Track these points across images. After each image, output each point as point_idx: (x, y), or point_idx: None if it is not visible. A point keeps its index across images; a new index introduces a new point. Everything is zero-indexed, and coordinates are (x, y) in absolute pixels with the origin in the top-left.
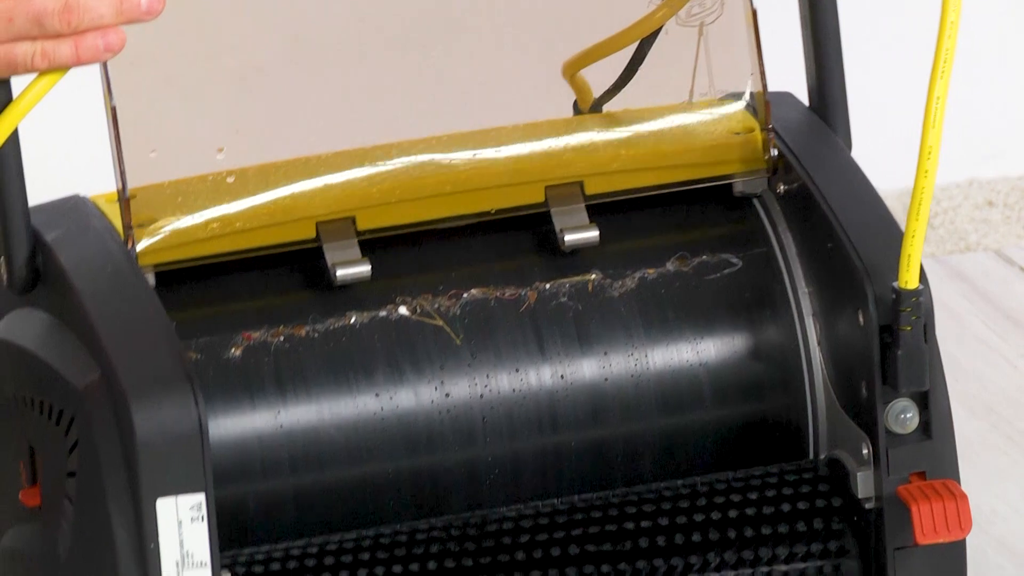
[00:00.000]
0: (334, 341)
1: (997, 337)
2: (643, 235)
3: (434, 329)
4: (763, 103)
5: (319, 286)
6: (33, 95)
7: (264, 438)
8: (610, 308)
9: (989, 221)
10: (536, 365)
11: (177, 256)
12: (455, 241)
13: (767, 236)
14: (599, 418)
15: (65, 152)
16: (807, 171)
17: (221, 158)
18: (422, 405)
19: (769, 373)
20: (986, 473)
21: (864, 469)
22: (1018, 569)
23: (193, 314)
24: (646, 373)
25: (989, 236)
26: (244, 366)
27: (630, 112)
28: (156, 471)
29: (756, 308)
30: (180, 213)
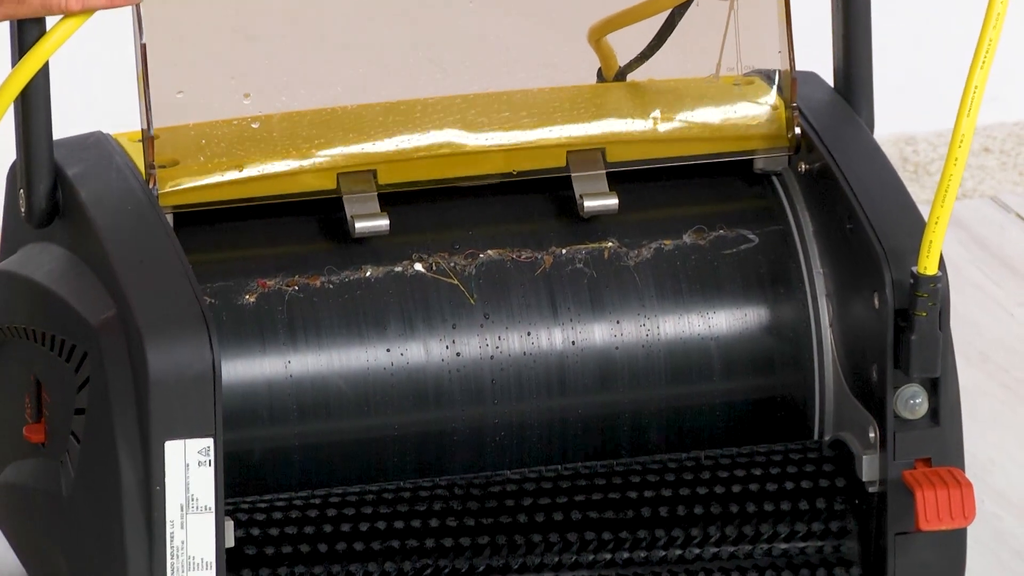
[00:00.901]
0: (348, 293)
1: (993, 284)
2: (662, 206)
3: (449, 287)
4: (789, 81)
5: (337, 238)
6: (64, 30)
7: (273, 386)
8: (625, 276)
9: (985, 167)
10: (548, 329)
11: (197, 199)
12: (474, 201)
13: (785, 214)
14: (608, 385)
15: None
16: (829, 151)
17: (247, 103)
18: (432, 362)
19: (779, 351)
20: (982, 422)
21: (870, 452)
22: (1015, 518)
23: (210, 258)
24: (657, 343)
25: (985, 183)
26: (257, 313)
27: (655, 83)
28: (167, 412)
29: (770, 285)
30: (203, 156)
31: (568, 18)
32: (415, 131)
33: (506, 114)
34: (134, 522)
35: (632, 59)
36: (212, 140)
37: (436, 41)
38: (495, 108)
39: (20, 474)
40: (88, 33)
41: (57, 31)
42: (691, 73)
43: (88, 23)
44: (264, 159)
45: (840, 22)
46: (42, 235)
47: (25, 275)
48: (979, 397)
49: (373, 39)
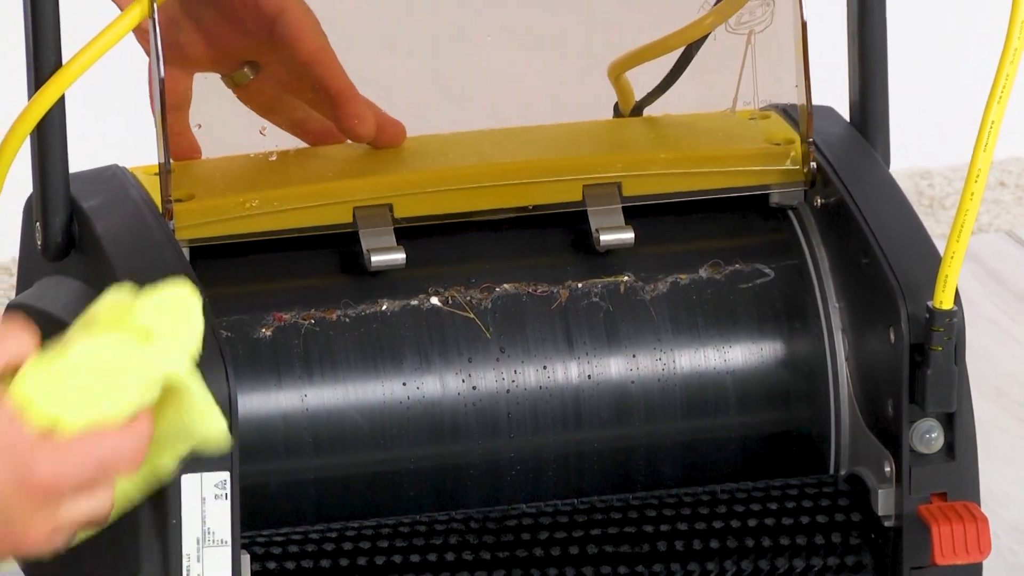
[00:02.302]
0: (364, 327)
1: (1008, 318)
2: (678, 240)
3: (465, 321)
4: (806, 115)
5: (353, 271)
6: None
7: (289, 419)
8: (641, 310)
9: (1001, 202)
10: (564, 363)
11: (213, 233)
12: (490, 234)
13: (801, 248)
14: (624, 419)
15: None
16: (845, 186)
17: (264, 138)
18: (448, 396)
19: (795, 385)
20: (998, 456)
21: (885, 487)
22: None
23: (226, 291)
24: (673, 377)
25: (1001, 217)
26: (273, 346)
27: (671, 117)
28: None
29: (786, 319)
30: (220, 189)
31: (584, 53)
32: (431, 165)
33: (522, 148)
34: (150, 556)
35: (648, 93)
36: (229, 174)
37: (453, 75)
38: (511, 142)
39: None
40: (106, 65)
41: (74, 63)
42: (708, 107)
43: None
44: (280, 193)
45: (856, 57)
46: (58, 268)
47: (41, 308)
48: (994, 431)
49: (390, 74)
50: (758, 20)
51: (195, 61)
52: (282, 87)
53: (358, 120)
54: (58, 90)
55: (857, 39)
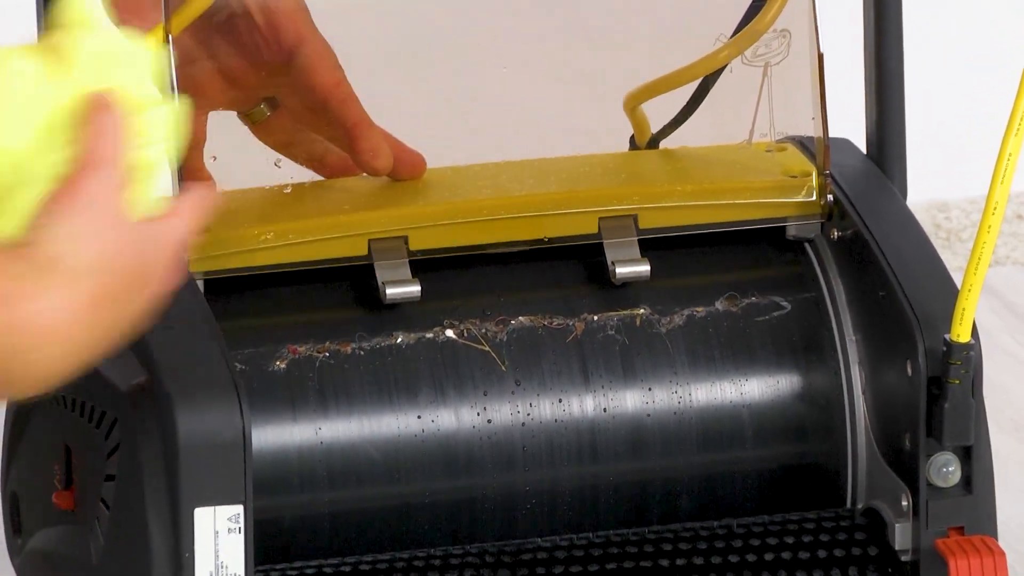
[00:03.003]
0: (379, 360)
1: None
2: (694, 273)
3: (480, 354)
4: (822, 148)
5: (367, 304)
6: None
7: (303, 453)
8: (656, 343)
9: (1018, 235)
10: (579, 396)
11: (228, 265)
12: (506, 267)
13: (818, 281)
14: (639, 453)
15: None
16: (862, 218)
17: (279, 170)
18: (463, 429)
19: (812, 418)
20: (1014, 489)
21: (903, 521)
22: None
23: (240, 324)
24: (689, 410)
25: (1018, 250)
26: (288, 379)
27: (688, 149)
28: (196, 479)
29: (803, 352)
30: (234, 222)
31: (600, 85)
32: (447, 197)
33: (538, 180)
34: None
35: (665, 125)
36: (243, 206)
37: (468, 107)
38: (527, 175)
39: (49, 541)
40: None
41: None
42: (724, 139)
43: None
44: (295, 226)
45: (873, 89)
46: None
47: None
48: (1011, 465)
49: (403, 105)
50: (774, 52)
51: (212, 99)
52: (299, 121)
53: (374, 153)
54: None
55: (874, 71)
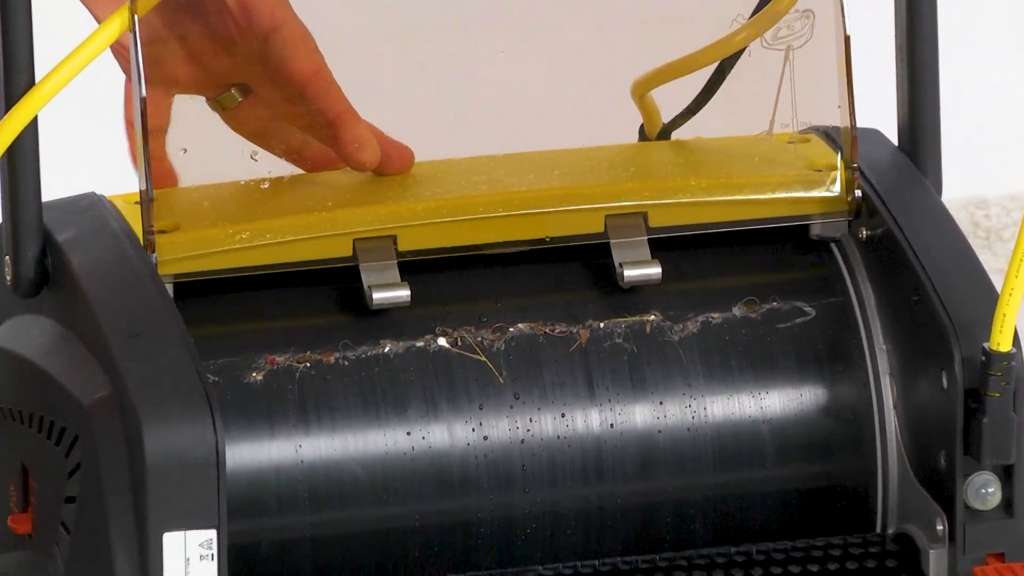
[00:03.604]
0: (365, 371)
1: None
2: (709, 275)
3: (475, 364)
4: (849, 139)
5: (352, 310)
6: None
7: (283, 472)
8: (669, 353)
9: None
10: (584, 410)
11: (200, 267)
12: (503, 269)
13: (844, 285)
14: (650, 472)
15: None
16: (893, 216)
17: (256, 163)
18: (457, 446)
19: (838, 435)
20: None
21: (937, 547)
22: None
23: (213, 331)
24: (704, 426)
25: None
26: (265, 392)
27: (702, 141)
28: (165, 501)
29: (828, 362)
30: (207, 220)
31: (606, 71)
32: (439, 193)
33: (539, 175)
34: None
35: (677, 115)
36: (217, 203)
37: (461, 95)
38: (526, 169)
39: (5, 568)
40: (82, 84)
41: (48, 82)
42: (742, 130)
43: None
44: (274, 224)
45: (905, 75)
46: (30, 306)
47: (11, 350)
48: None
49: (392, 94)
50: (797, 34)
51: (178, 82)
52: (274, 111)
53: (360, 146)
54: (30, 111)
55: (906, 55)
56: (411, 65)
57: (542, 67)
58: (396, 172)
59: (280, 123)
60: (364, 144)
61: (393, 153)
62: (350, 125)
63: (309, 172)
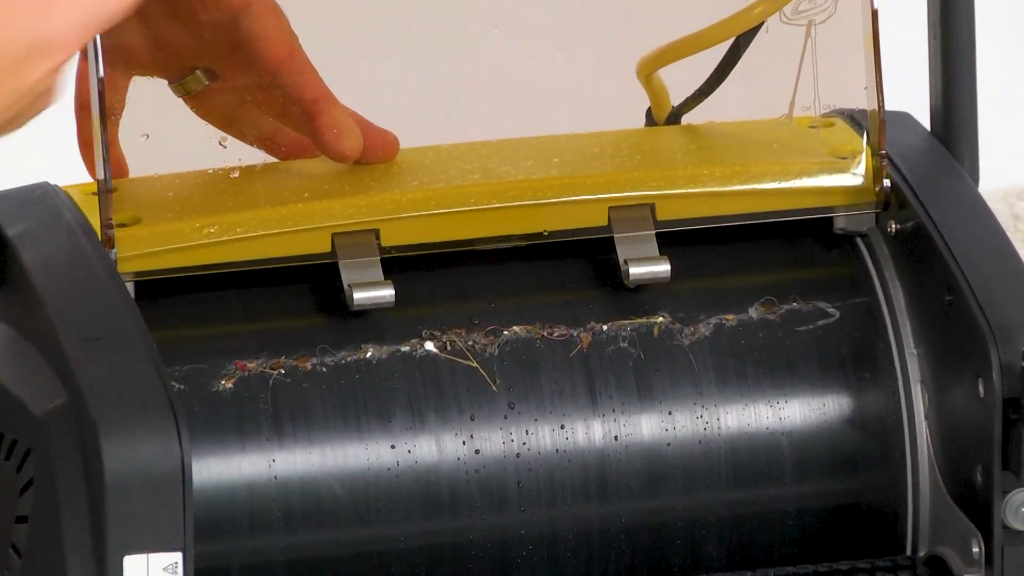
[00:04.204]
0: (345, 378)
1: None
2: (723, 273)
3: (466, 371)
4: (877, 123)
5: (331, 311)
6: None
7: (255, 489)
8: (678, 358)
9: None
10: (586, 421)
11: (164, 264)
12: (497, 267)
13: (871, 283)
14: (658, 489)
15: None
16: (925, 207)
17: (225, 150)
18: (446, 461)
19: (864, 448)
20: None
21: (973, 570)
22: None
23: (179, 335)
24: (717, 438)
25: None
26: (236, 401)
27: (715, 126)
28: (126, 521)
29: (853, 369)
30: (171, 212)
31: (610, 48)
32: (426, 183)
33: (536, 163)
34: None
35: (688, 97)
36: (182, 194)
37: (451, 76)
38: (522, 156)
39: None
40: None
41: None
42: (759, 114)
43: None
44: (244, 217)
45: (938, 52)
46: None
47: None
48: None
49: (374, 75)
50: (819, 8)
51: (139, 62)
52: (244, 96)
53: (339, 133)
54: None
55: (939, 30)
56: (395, 43)
57: (540, 43)
58: (379, 160)
59: (250, 109)
60: (343, 130)
61: (375, 139)
62: (328, 110)
63: (283, 160)
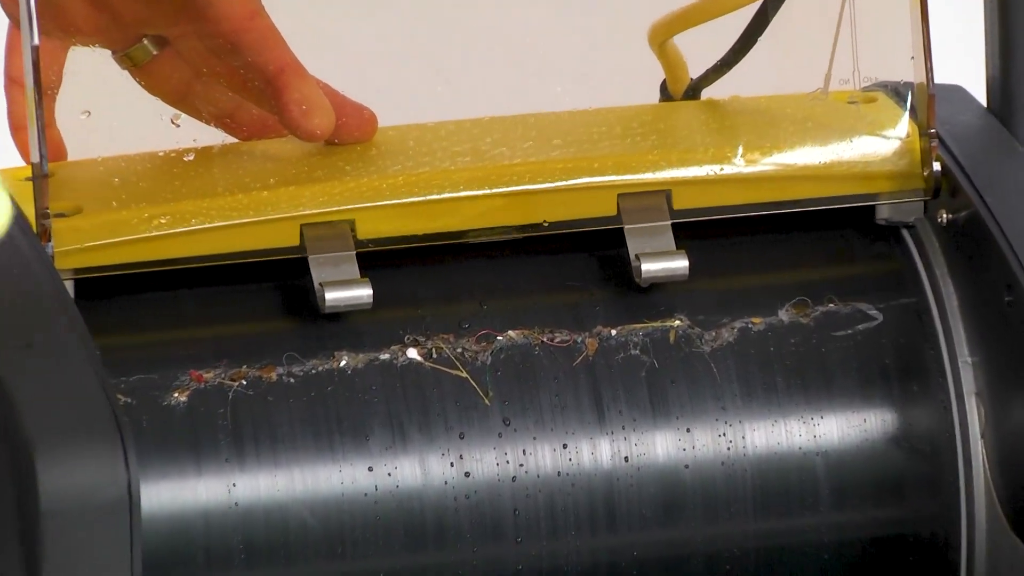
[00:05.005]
0: (316, 390)
1: None
2: (748, 271)
3: (455, 383)
4: (926, 98)
5: (300, 313)
6: None
7: (212, 518)
8: (698, 368)
9: None
10: (592, 440)
11: (108, 259)
12: (490, 263)
13: (919, 282)
14: (674, 518)
15: None
16: (980, 194)
17: (178, 129)
18: (432, 486)
19: (912, 471)
20: None
21: None
22: None
23: (125, 341)
24: (742, 460)
25: None
26: (191, 417)
27: (740, 101)
28: (65, 554)
29: (899, 380)
30: (116, 200)
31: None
32: (408, 167)
33: (535, 143)
34: None
35: (709, 68)
36: (129, 179)
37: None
38: (519, 136)
39: None
40: None
41: None
42: (790, 88)
43: None
44: (200, 205)
45: (995, 18)
46: None
47: None
48: None
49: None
50: None
51: (79, 29)
52: (199, 67)
53: (308, 109)
54: None
55: None
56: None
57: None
58: (354, 141)
59: (206, 82)
60: (313, 106)
61: (350, 116)
62: (295, 82)
63: (244, 141)
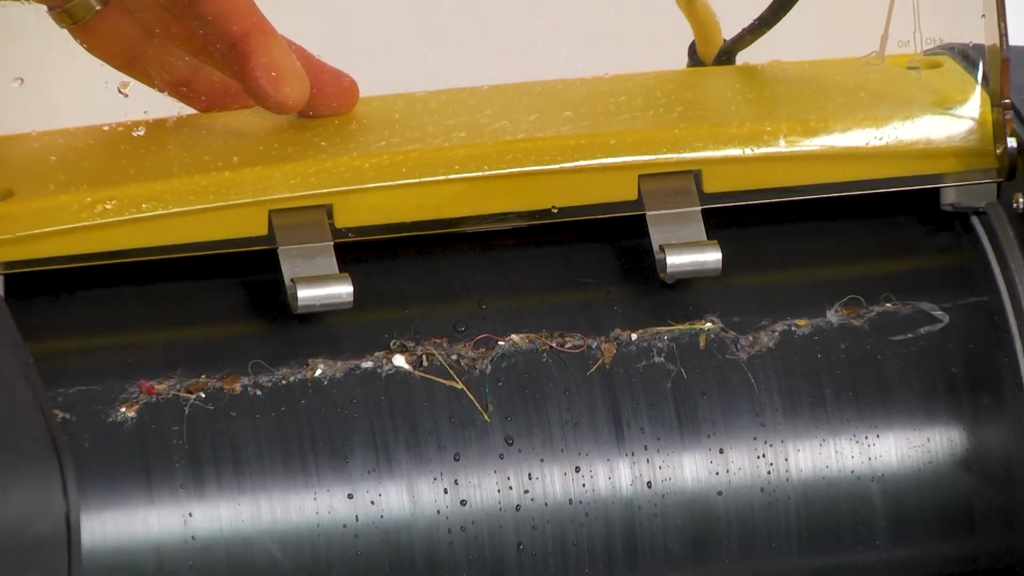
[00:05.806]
0: (286, 404)
1: None
2: (790, 265)
3: (449, 395)
4: (999, 64)
5: (268, 314)
6: None
7: (165, 553)
8: (733, 378)
9: None
10: (608, 461)
11: (44, 251)
12: (489, 255)
13: (991, 277)
14: (705, 552)
15: None
16: None
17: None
18: (422, 516)
19: (982, 498)
20: None
21: None
22: None
23: (63, 347)
24: (784, 485)
25: None
26: (140, 436)
27: (781, 67)
28: None
29: (968, 393)
30: (53, 182)
31: None
32: (394, 144)
33: (543, 116)
34: None
35: (745, 29)
36: (69, 157)
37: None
38: (524, 107)
39: None
40: None
41: None
42: (840, 52)
43: None
44: (152, 189)
45: None
46: None
47: None
48: None
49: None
50: None
51: None
52: (150, 26)
53: (278, 76)
54: None
55: None
56: None
57: None
58: (332, 113)
59: (159, 44)
60: (284, 72)
61: (327, 85)
62: (263, 45)
63: (204, 113)
